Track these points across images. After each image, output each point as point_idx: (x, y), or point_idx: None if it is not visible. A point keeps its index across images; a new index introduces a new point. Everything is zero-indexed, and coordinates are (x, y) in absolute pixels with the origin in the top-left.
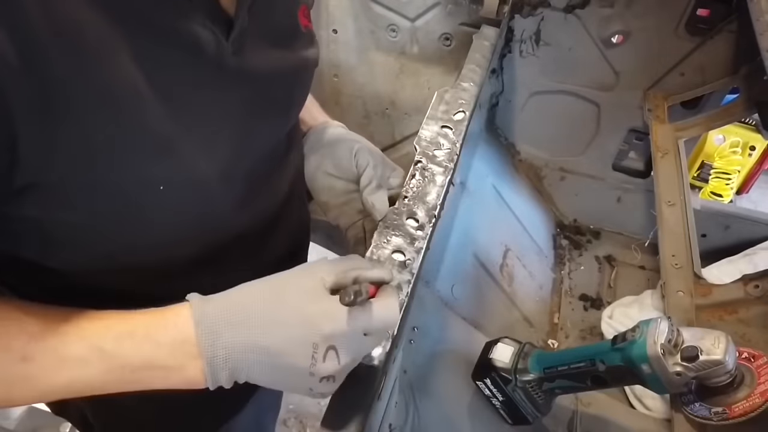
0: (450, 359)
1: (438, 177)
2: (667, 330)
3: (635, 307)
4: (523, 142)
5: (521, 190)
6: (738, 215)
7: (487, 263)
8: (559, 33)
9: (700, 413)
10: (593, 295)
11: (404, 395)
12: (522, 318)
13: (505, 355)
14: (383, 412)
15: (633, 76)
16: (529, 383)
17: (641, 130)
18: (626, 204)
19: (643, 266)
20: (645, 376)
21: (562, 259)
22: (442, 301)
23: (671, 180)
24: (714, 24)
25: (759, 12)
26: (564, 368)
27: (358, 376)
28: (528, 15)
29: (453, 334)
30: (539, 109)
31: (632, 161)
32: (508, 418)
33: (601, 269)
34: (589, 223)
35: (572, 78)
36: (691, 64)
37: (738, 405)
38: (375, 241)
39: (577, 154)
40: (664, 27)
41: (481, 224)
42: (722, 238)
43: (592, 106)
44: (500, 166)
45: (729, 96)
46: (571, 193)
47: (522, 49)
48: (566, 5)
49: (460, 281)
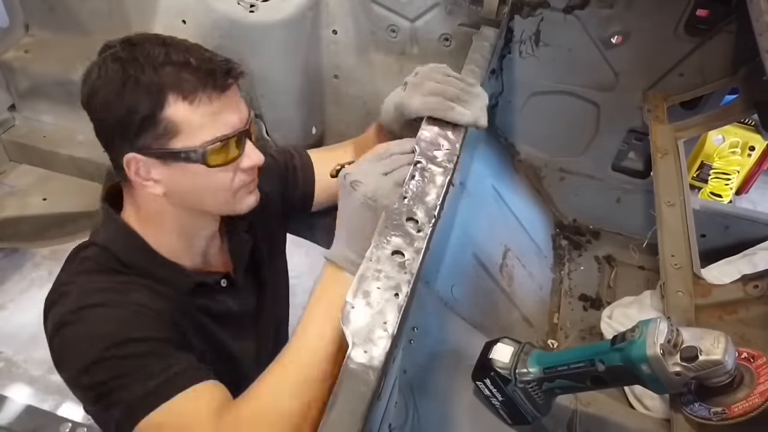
0: (450, 359)
1: (438, 177)
2: (666, 330)
3: (635, 308)
4: (522, 142)
5: (521, 191)
6: (737, 215)
7: (486, 263)
8: (559, 34)
9: (699, 413)
10: (593, 296)
11: (404, 395)
12: (522, 318)
13: (504, 355)
14: (383, 412)
15: (632, 77)
16: (528, 383)
17: (641, 131)
18: (626, 204)
19: (642, 266)
20: (644, 376)
21: (562, 259)
22: (442, 301)
23: (671, 180)
24: (713, 24)
25: (758, 12)
26: (564, 368)
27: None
28: (528, 16)
29: (453, 334)
30: (539, 109)
31: (632, 161)
32: (508, 418)
33: (601, 269)
34: (588, 224)
35: (572, 78)
36: (691, 65)
37: (737, 405)
38: (375, 241)
39: (577, 155)
40: (664, 28)
41: (481, 224)
42: (722, 238)
43: (591, 107)
44: (500, 167)
45: (728, 96)
46: (571, 193)
47: (522, 49)
48: (566, 6)
49: (459, 281)
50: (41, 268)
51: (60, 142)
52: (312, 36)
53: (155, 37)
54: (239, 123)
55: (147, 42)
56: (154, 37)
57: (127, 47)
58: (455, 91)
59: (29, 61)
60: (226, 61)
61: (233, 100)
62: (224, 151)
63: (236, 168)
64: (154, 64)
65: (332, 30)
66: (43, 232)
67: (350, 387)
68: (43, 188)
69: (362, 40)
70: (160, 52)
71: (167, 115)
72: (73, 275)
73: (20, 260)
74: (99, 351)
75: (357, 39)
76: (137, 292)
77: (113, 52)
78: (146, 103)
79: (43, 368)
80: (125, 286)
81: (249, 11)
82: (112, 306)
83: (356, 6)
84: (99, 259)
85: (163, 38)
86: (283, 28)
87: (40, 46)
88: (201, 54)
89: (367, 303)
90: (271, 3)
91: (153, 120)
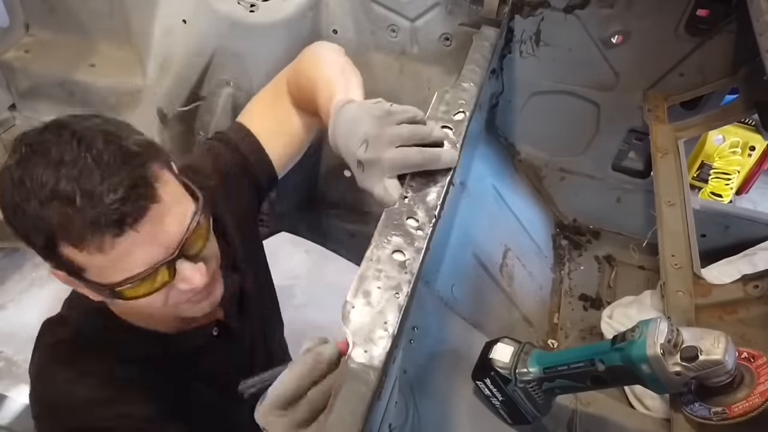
0: (450, 359)
1: (438, 177)
2: (666, 330)
3: (635, 307)
4: (523, 142)
5: (521, 190)
6: (737, 215)
7: (486, 263)
8: (559, 33)
9: (699, 413)
10: (593, 295)
11: (404, 395)
12: (522, 318)
13: (504, 355)
14: (383, 412)
15: (633, 77)
16: (528, 383)
17: (641, 131)
18: (626, 204)
19: (642, 266)
20: (644, 376)
21: (562, 259)
22: (442, 301)
23: (671, 180)
24: (713, 24)
25: (759, 12)
26: (564, 368)
27: (358, 376)
28: (528, 15)
29: (453, 334)
30: (539, 109)
31: (632, 161)
32: (508, 417)
33: (601, 269)
34: (588, 223)
35: (572, 78)
36: (691, 65)
37: (737, 405)
38: (375, 241)
39: (577, 154)
40: (664, 27)
41: (481, 224)
42: (722, 238)
43: (591, 107)
44: (500, 167)
45: (728, 96)
46: (571, 193)
47: (522, 49)
48: (566, 5)
49: (460, 281)
50: (41, 267)
51: None
52: (312, 36)
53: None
54: (160, 255)
55: (42, 155)
56: (56, 148)
57: (23, 161)
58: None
59: (29, 61)
60: (123, 199)
61: (143, 237)
62: (144, 284)
63: (169, 289)
64: (40, 197)
65: (332, 30)
66: None
67: (350, 387)
68: None
69: (362, 39)
70: (49, 178)
71: (64, 255)
72: (52, 364)
73: (20, 260)
74: None
75: (357, 39)
76: (121, 404)
77: (8, 165)
78: (39, 238)
79: None
80: (107, 393)
81: (249, 11)
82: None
83: (356, 6)
84: (73, 343)
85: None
86: (284, 28)
87: (41, 46)
88: (92, 187)
89: (367, 303)
90: (271, 3)
91: (52, 255)
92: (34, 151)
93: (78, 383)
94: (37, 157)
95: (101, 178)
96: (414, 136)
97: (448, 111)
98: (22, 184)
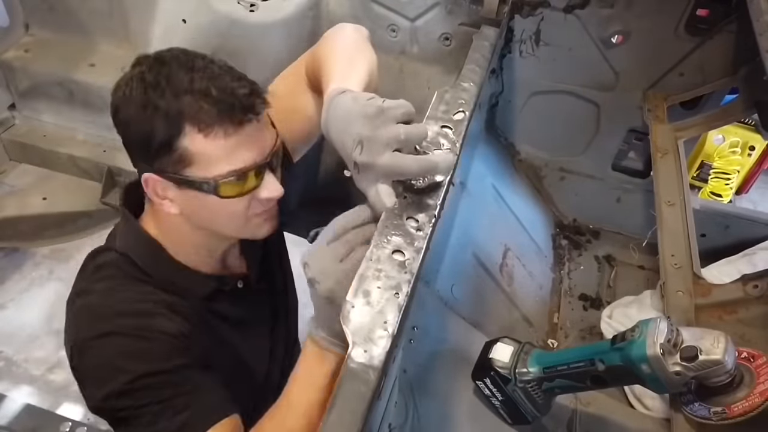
0: (450, 359)
1: (438, 177)
2: (666, 330)
3: (635, 307)
4: (522, 142)
5: (521, 190)
6: (737, 215)
7: (486, 263)
8: (559, 33)
9: (699, 413)
10: (593, 295)
11: (404, 395)
12: (521, 318)
13: (504, 355)
14: (383, 412)
15: (632, 77)
16: (528, 383)
17: (641, 130)
18: (626, 204)
19: (642, 266)
20: (644, 375)
21: (562, 258)
22: (442, 301)
23: (671, 180)
24: (713, 24)
25: (759, 12)
26: (563, 368)
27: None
28: (528, 15)
29: (453, 334)
30: (539, 109)
31: (632, 161)
32: (508, 417)
33: (601, 269)
34: (588, 223)
35: (572, 78)
36: (691, 65)
37: (737, 405)
38: (375, 241)
39: (577, 154)
40: (664, 27)
41: (481, 224)
42: (722, 238)
43: (591, 106)
44: (500, 166)
45: (728, 96)
46: (571, 193)
47: (522, 49)
48: (566, 5)
49: (460, 281)
50: (41, 267)
51: (60, 142)
52: (312, 36)
53: (185, 59)
54: (258, 156)
55: (175, 63)
56: (184, 58)
57: (155, 67)
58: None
59: (29, 60)
60: (250, 94)
61: (254, 133)
62: (239, 184)
63: (252, 197)
64: (175, 92)
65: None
66: (42, 231)
67: (350, 387)
68: (42, 188)
69: None
70: (183, 78)
71: (183, 145)
72: (92, 282)
73: (20, 260)
74: (120, 384)
75: None
76: (156, 317)
77: (141, 71)
78: (163, 129)
79: (43, 368)
80: (144, 306)
81: (249, 11)
82: (133, 336)
83: (356, 5)
84: (117, 267)
85: (192, 61)
86: (283, 28)
87: (40, 46)
88: (225, 84)
89: (367, 302)
90: (271, 3)
91: (169, 147)
92: (163, 62)
93: (116, 294)
94: (168, 65)
95: (230, 78)
96: (409, 139)
97: (447, 110)
98: (158, 84)
